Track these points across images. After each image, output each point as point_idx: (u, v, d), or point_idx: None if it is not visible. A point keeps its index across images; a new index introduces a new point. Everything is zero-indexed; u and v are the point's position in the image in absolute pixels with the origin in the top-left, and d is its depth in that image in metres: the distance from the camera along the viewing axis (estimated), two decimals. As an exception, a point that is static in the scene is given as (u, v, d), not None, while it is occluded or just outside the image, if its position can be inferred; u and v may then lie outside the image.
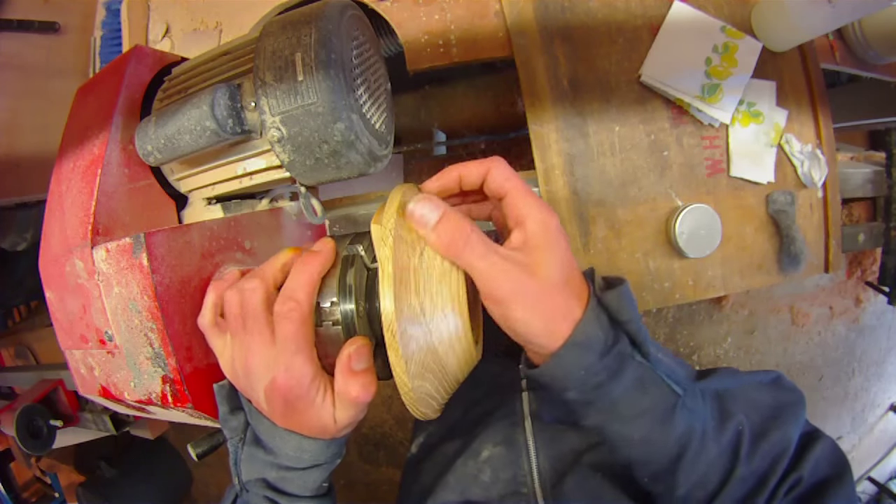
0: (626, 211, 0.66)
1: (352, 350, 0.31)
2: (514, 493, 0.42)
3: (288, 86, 0.35)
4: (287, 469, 0.34)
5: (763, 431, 0.33)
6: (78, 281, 0.38)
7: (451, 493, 0.44)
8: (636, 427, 0.30)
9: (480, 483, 0.43)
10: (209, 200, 0.47)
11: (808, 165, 0.67)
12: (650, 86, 0.65)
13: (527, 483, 0.42)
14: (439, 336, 0.30)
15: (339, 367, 0.31)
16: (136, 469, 1.88)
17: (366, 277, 0.34)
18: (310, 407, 0.31)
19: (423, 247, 0.30)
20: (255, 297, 0.32)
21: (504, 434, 0.47)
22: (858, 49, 0.73)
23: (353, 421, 0.33)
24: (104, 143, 0.41)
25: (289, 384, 0.31)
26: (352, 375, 0.31)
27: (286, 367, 0.30)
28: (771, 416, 0.34)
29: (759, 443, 0.32)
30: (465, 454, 0.46)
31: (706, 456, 0.31)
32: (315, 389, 0.31)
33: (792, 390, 0.36)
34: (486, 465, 0.45)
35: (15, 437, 1.00)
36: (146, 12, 0.82)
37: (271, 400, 0.32)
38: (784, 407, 0.34)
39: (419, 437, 0.57)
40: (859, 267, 1.70)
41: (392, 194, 0.32)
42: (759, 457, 0.32)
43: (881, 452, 1.96)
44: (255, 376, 0.32)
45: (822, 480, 0.32)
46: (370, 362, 0.32)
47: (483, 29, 0.67)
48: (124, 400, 0.39)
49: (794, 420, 0.34)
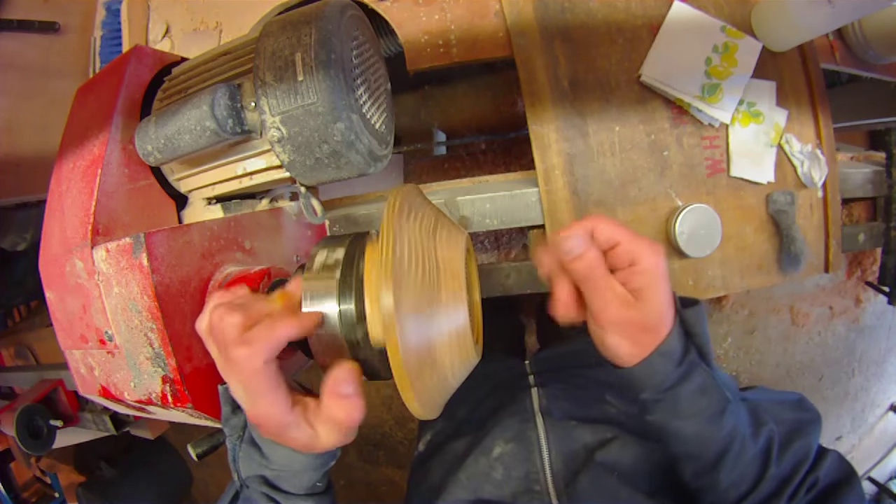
0: (626, 211, 0.66)
1: (339, 374, 0.31)
2: (527, 490, 0.42)
3: (288, 86, 0.35)
4: (281, 469, 0.34)
5: (789, 440, 0.38)
6: (78, 281, 0.38)
7: (463, 491, 0.44)
8: (691, 424, 0.35)
9: (492, 481, 0.44)
10: (209, 200, 0.47)
11: (808, 165, 0.67)
12: (650, 86, 0.65)
13: (539, 480, 0.42)
14: (439, 335, 0.30)
15: (326, 389, 0.31)
16: (136, 469, 1.88)
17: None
18: (288, 436, 0.31)
19: (425, 249, 0.30)
20: (230, 333, 0.30)
21: (515, 430, 0.47)
22: (858, 49, 0.73)
23: (341, 441, 0.33)
24: (104, 143, 0.41)
25: (263, 422, 0.31)
26: (338, 399, 0.31)
27: (253, 405, 0.31)
28: (795, 428, 0.39)
29: (786, 449, 0.37)
30: (477, 451, 0.46)
31: (745, 456, 0.35)
32: (289, 424, 0.31)
33: (811, 410, 0.42)
34: (499, 462, 0.45)
35: (15, 437, 1.00)
36: (146, 12, 0.82)
37: (253, 426, 0.32)
38: (805, 422, 0.39)
39: (426, 436, 0.57)
40: (859, 267, 1.69)
41: (392, 195, 0.32)
42: (786, 461, 0.36)
43: (881, 452, 1.96)
44: (239, 398, 0.32)
45: (833, 483, 0.37)
46: (357, 387, 0.31)
47: (483, 29, 0.67)
48: (124, 400, 0.39)
49: (813, 433, 0.39)
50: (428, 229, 0.32)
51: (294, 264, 0.50)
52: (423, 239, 0.31)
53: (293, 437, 0.31)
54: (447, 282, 0.30)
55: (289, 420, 0.31)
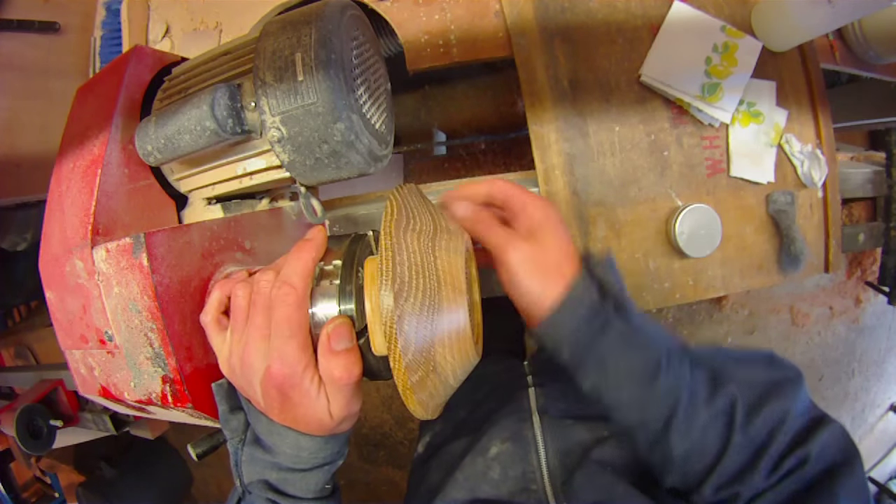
0: (626, 211, 0.66)
1: (330, 329, 0.31)
2: (524, 489, 0.42)
3: (288, 86, 0.35)
4: (288, 470, 0.34)
5: (759, 403, 0.34)
6: (78, 281, 0.38)
7: (460, 491, 0.44)
8: (624, 389, 0.34)
9: (489, 480, 0.43)
10: (209, 200, 0.47)
11: (808, 165, 0.67)
12: (650, 86, 0.65)
13: (536, 479, 0.42)
14: (440, 335, 0.30)
15: (320, 348, 0.31)
16: (136, 469, 1.88)
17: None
18: (304, 397, 0.31)
19: (424, 256, 0.30)
20: (266, 287, 0.32)
21: (512, 430, 0.47)
22: (858, 49, 0.73)
23: (348, 413, 0.33)
24: (104, 143, 0.41)
25: (283, 372, 0.30)
26: (333, 355, 0.30)
27: (280, 354, 0.30)
28: (766, 390, 0.35)
29: (754, 413, 0.33)
30: (474, 451, 0.46)
31: (697, 420, 0.33)
32: (309, 378, 0.31)
33: (787, 367, 0.38)
34: (495, 461, 0.45)
35: (15, 437, 1.00)
36: (146, 12, 0.82)
37: (267, 392, 0.32)
38: (780, 382, 0.36)
39: (425, 437, 0.57)
40: (859, 267, 1.70)
41: (389, 201, 0.32)
42: (756, 427, 0.33)
43: (881, 452, 1.96)
44: (252, 369, 0.32)
45: (830, 466, 0.32)
46: (351, 341, 0.31)
47: (483, 29, 0.67)
48: (124, 400, 0.39)
49: (791, 394, 0.35)
50: (427, 234, 0.32)
51: (294, 264, 0.50)
52: (421, 246, 0.31)
53: (311, 394, 0.31)
54: (447, 286, 0.30)
55: (310, 373, 0.31)
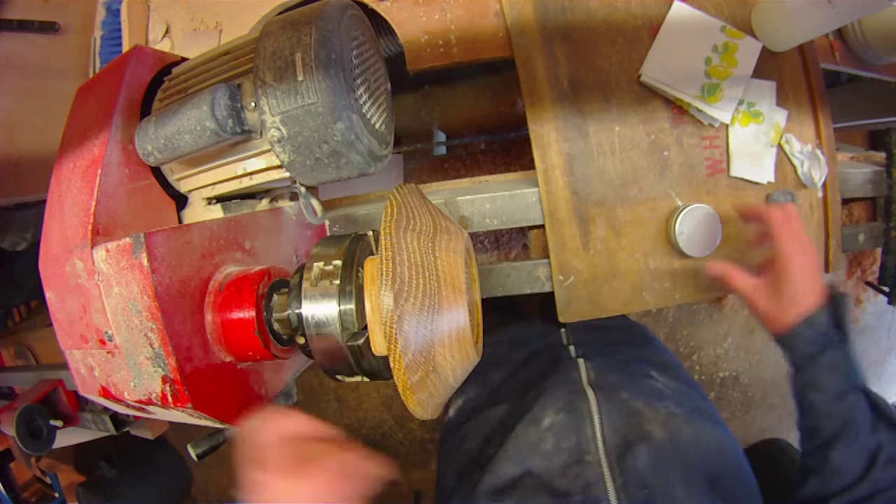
0: (626, 211, 0.66)
1: None
2: (578, 461, 0.41)
3: (288, 86, 0.35)
4: None
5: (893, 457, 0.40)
6: (78, 281, 0.38)
7: (511, 465, 0.43)
8: (820, 397, 0.42)
9: (541, 451, 0.43)
10: (209, 200, 0.47)
11: (808, 165, 0.67)
12: (650, 86, 0.65)
13: (591, 451, 0.42)
14: (440, 335, 0.30)
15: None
16: (136, 469, 1.87)
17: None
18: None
19: (424, 256, 0.30)
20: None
21: (565, 401, 0.46)
22: (858, 49, 0.72)
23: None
24: (104, 143, 0.41)
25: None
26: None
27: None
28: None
29: (892, 463, 0.40)
30: (525, 421, 0.45)
31: (858, 443, 0.40)
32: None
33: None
34: (549, 432, 0.44)
35: (15, 437, 1.00)
36: (146, 12, 0.82)
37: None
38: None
39: (457, 401, 0.56)
40: (859, 267, 1.69)
41: (389, 202, 0.32)
42: (889, 473, 0.39)
43: (881, 452, 1.96)
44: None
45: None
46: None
47: (483, 29, 0.67)
48: (124, 400, 0.39)
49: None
50: (427, 235, 0.32)
51: (294, 264, 0.50)
52: (421, 246, 0.31)
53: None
54: (447, 286, 0.30)
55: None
